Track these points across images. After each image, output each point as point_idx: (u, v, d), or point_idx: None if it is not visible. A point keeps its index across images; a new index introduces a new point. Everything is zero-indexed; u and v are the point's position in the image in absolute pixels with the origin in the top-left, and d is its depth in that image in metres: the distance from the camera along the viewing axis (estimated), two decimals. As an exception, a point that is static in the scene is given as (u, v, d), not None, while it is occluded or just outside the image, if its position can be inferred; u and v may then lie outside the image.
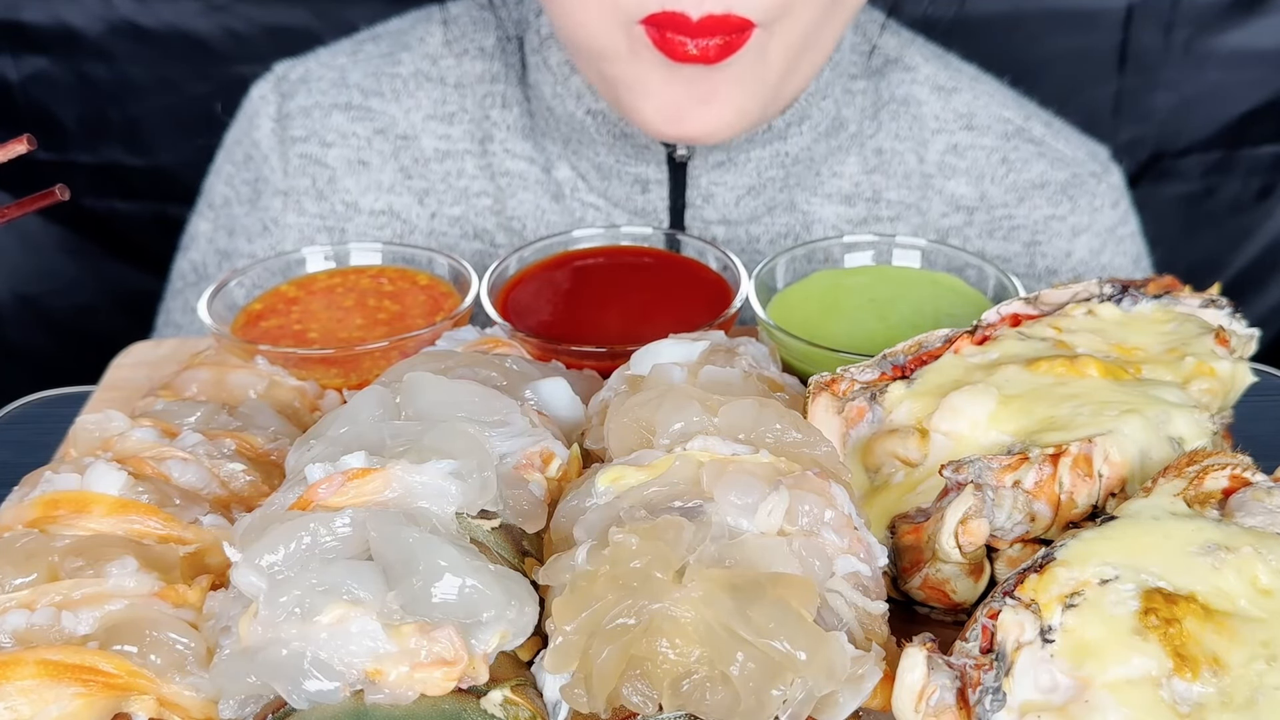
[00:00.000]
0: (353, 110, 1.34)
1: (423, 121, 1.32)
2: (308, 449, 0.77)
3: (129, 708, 0.68)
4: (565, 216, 1.30)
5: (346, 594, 0.65)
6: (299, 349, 1.02)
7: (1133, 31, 1.61)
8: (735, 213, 1.28)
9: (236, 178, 1.39)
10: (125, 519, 0.77)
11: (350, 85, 1.35)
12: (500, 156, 1.31)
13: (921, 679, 0.65)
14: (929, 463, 0.81)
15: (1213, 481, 0.73)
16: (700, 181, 1.26)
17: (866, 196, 1.31)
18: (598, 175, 1.28)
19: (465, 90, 1.32)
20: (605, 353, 0.99)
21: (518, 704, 0.66)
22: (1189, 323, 0.89)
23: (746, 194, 1.27)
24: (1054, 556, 0.68)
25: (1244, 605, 0.66)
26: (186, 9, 1.63)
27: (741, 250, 1.29)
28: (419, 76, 1.33)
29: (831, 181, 1.31)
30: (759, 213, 1.29)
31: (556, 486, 0.79)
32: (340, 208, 1.33)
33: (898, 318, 1.05)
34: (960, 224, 1.33)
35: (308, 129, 1.34)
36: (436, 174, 1.32)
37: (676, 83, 1.09)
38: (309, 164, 1.34)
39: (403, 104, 1.33)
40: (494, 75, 1.31)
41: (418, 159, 1.32)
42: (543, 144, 1.30)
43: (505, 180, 1.31)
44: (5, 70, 1.68)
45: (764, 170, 1.26)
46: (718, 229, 1.29)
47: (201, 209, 1.44)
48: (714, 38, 1.05)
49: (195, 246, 1.43)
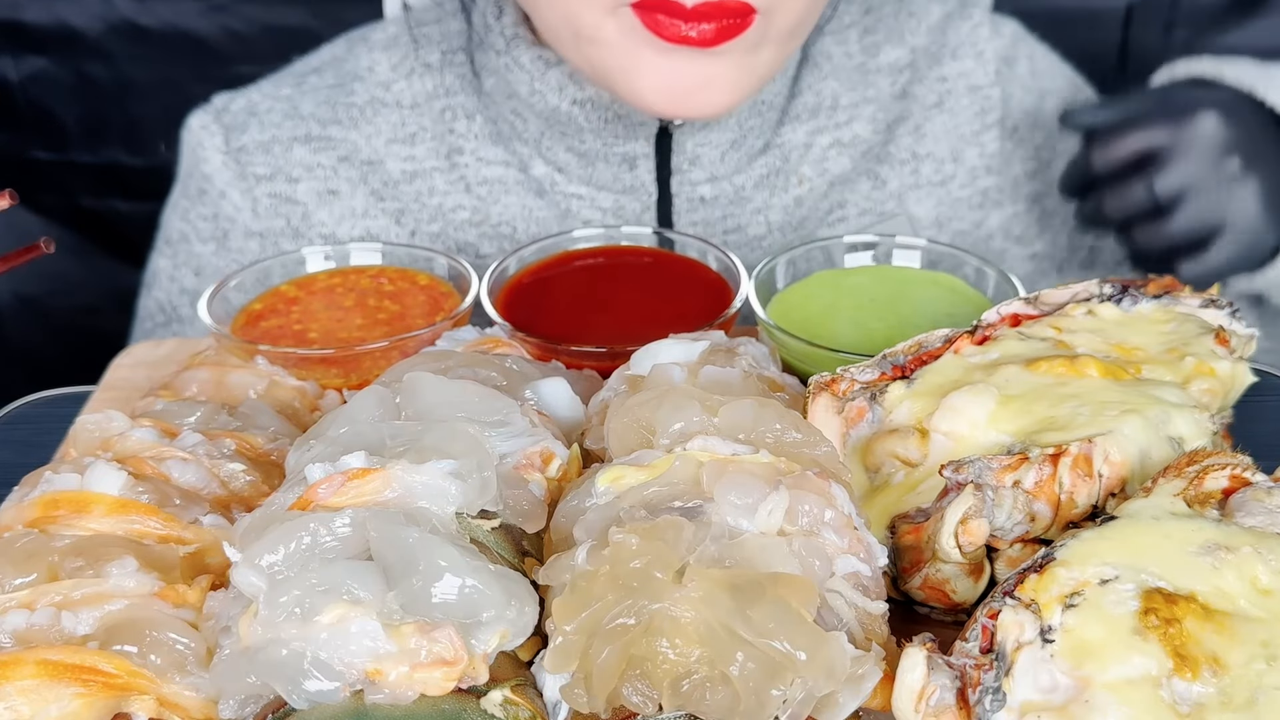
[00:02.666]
0: (313, 141, 1.33)
1: (385, 146, 1.32)
2: (308, 449, 0.77)
3: (129, 708, 0.68)
4: (552, 210, 1.30)
5: (346, 594, 0.65)
6: (299, 349, 1.02)
7: (1133, 31, 1.61)
8: (721, 168, 1.29)
9: (192, 212, 1.38)
10: (125, 519, 0.77)
11: (305, 116, 1.34)
12: (474, 167, 1.30)
13: (921, 679, 0.65)
14: (929, 463, 0.81)
15: (1213, 481, 0.73)
16: (685, 145, 1.26)
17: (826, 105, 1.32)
18: (579, 163, 1.27)
19: (421, 109, 1.32)
20: (605, 353, 0.99)
21: (518, 704, 0.66)
22: (1189, 323, 0.89)
23: (730, 148, 1.28)
24: (1054, 556, 0.68)
25: (1244, 605, 0.66)
26: (186, 9, 1.63)
27: (729, 203, 1.30)
28: (375, 104, 1.33)
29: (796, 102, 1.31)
30: (743, 164, 1.29)
31: (556, 486, 0.79)
32: (319, 242, 1.32)
33: (898, 318, 1.05)
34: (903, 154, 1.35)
35: (270, 166, 1.33)
36: (408, 194, 1.32)
37: (672, 64, 1.09)
38: (279, 203, 1.33)
39: (362, 131, 1.32)
40: (448, 88, 1.31)
41: (386, 182, 1.32)
42: (513, 146, 1.29)
43: (485, 189, 1.30)
44: (5, 70, 1.67)
45: (744, 121, 1.27)
46: (704, 188, 1.29)
47: (159, 245, 1.42)
48: (710, 22, 1.05)
49: (159, 285, 1.42)
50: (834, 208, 1.33)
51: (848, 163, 1.32)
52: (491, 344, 0.97)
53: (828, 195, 1.32)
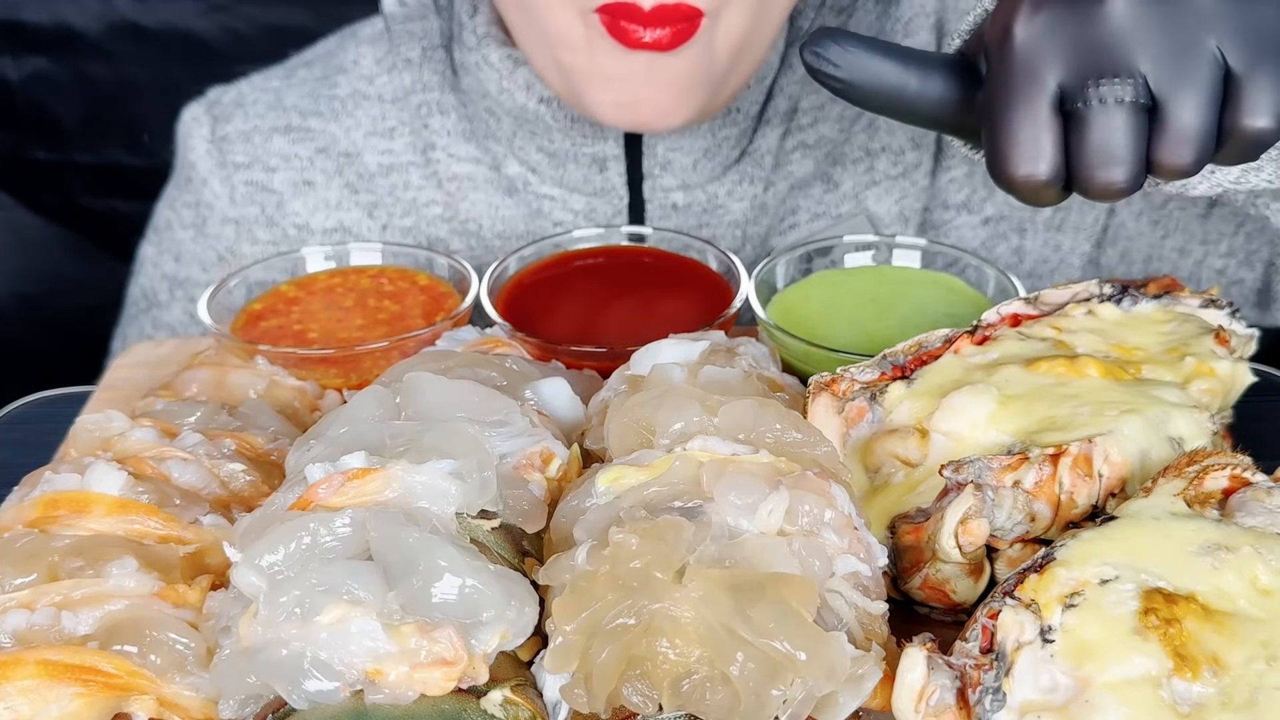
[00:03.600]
0: (293, 132, 1.34)
1: (364, 139, 1.33)
2: (308, 449, 0.77)
3: (129, 708, 0.68)
4: (522, 209, 1.30)
5: (346, 594, 0.65)
6: (299, 349, 1.02)
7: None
8: (694, 176, 1.28)
9: (178, 200, 1.40)
10: (125, 519, 0.77)
11: (287, 108, 1.35)
12: (445, 163, 1.31)
13: (921, 679, 0.65)
14: (929, 463, 0.81)
15: (1213, 481, 0.73)
16: (656, 150, 1.26)
17: (784, 110, 1.30)
18: (550, 164, 1.28)
19: (401, 103, 1.33)
20: (605, 353, 0.99)
21: (518, 704, 0.66)
22: (1189, 323, 0.89)
23: (703, 156, 1.27)
24: (1054, 556, 0.68)
25: (1244, 605, 0.66)
26: (186, 9, 1.63)
27: (703, 211, 1.29)
28: (356, 96, 1.34)
29: (768, 107, 1.30)
30: (716, 172, 1.29)
31: (556, 486, 0.79)
32: (292, 231, 1.34)
33: (898, 318, 1.05)
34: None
35: (249, 154, 1.34)
36: (383, 188, 1.33)
37: (630, 70, 1.11)
38: (255, 191, 1.34)
39: (342, 123, 1.34)
40: (425, 84, 1.31)
41: (362, 174, 1.33)
42: (486, 144, 1.30)
43: (454, 185, 1.31)
44: (5, 70, 1.68)
45: (718, 130, 1.26)
46: (677, 195, 1.29)
47: (148, 233, 1.44)
48: (666, 27, 1.07)
49: (144, 272, 1.44)
50: (787, 214, 1.32)
51: (810, 165, 1.32)
52: (491, 344, 0.97)
53: (785, 200, 1.32)
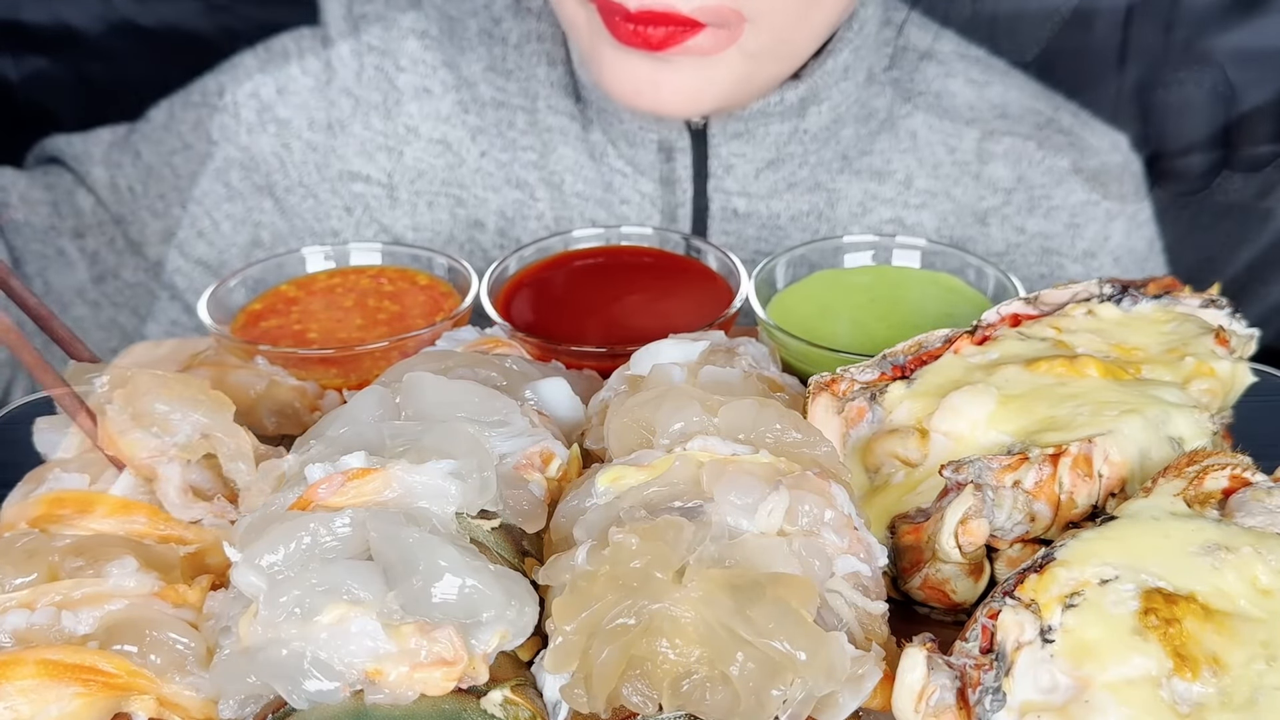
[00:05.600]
0: (427, 39, 1.37)
1: (482, 73, 1.36)
2: (308, 449, 0.77)
3: (129, 708, 0.68)
4: (598, 177, 1.32)
5: (346, 594, 0.65)
6: (299, 349, 1.02)
7: (1133, 31, 1.61)
8: (755, 186, 1.30)
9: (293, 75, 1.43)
10: (126, 519, 0.77)
11: (420, 31, 1.39)
12: (544, 113, 1.34)
13: (921, 679, 0.65)
14: (929, 463, 0.81)
15: (1213, 481, 0.73)
16: (720, 151, 1.28)
17: (899, 178, 1.32)
18: (625, 142, 1.30)
19: (522, 49, 1.35)
20: (605, 353, 0.99)
21: (518, 704, 0.66)
22: (1189, 323, 0.89)
23: (766, 168, 1.29)
24: (1054, 556, 0.68)
25: (1244, 605, 0.66)
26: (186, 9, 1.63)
27: (762, 226, 1.31)
28: (483, 35, 1.37)
29: (861, 160, 1.32)
30: (779, 188, 1.30)
31: (556, 486, 0.79)
32: (402, 130, 1.36)
33: (898, 318, 1.05)
34: (998, 204, 1.35)
35: (385, 43, 1.37)
36: (490, 118, 1.36)
37: (627, 61, 1.14)
38: (381, 78, 1.37)
39: (466, 56, 1.37)
40: (540, 34, 1.34)
41: (475, 99, 1.36)
42: (583, 105, 1.32)
43: (548, 135, 1.34)
44: (5, 70, 1.67)
45: (782, 145, 1.28)
46: (739, 200, 1.30)
47: None
48: (653, 27, 1.09)
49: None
50: None
51: (859, 190, 1.33)
52: (491, 344, 0.97)
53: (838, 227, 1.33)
